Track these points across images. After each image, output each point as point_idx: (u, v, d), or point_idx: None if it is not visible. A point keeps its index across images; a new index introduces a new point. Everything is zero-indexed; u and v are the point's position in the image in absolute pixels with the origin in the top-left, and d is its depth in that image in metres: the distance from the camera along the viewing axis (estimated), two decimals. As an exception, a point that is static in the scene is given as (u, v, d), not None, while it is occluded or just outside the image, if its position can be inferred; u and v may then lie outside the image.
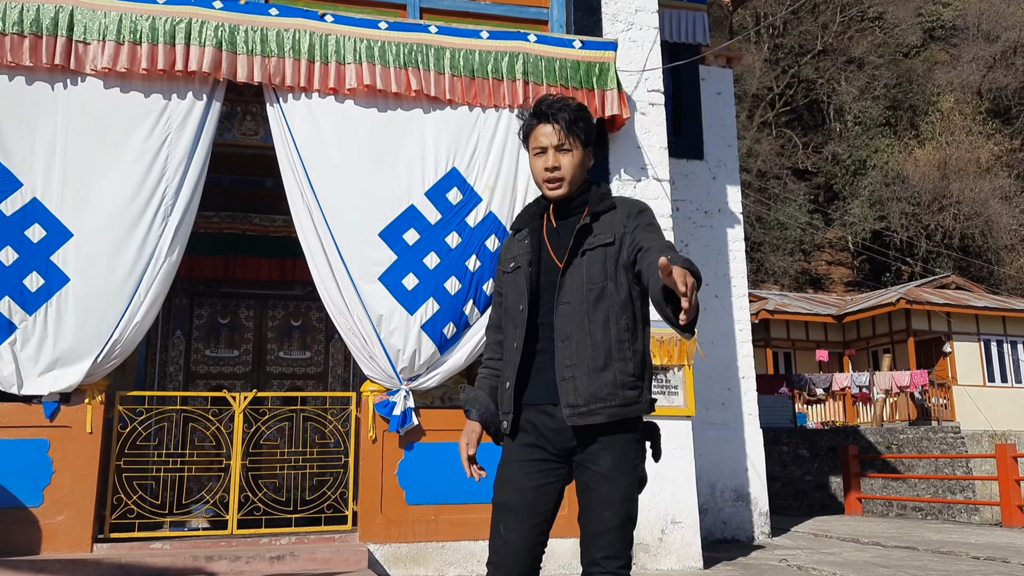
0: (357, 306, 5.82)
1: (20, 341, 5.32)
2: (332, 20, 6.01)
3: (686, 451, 6.46)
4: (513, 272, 2.61)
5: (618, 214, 2.53)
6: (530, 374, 2.51)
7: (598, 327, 2.44)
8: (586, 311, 2.45)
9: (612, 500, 2.37)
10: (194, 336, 8.68)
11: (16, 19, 5.49)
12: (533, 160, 2.58)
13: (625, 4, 7.06)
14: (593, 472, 2.40)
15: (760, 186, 32.48)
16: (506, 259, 2.67)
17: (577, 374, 2.41)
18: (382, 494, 5.81)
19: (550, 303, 2.51)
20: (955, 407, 20.84)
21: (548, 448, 2.47)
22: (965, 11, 37.61)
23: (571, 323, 2.45)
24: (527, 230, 2.64)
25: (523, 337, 2.51)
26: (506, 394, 2.52)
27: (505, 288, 2.64)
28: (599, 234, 2.50)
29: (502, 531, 2.44)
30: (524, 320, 2.51)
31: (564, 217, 2.58)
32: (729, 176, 9.76)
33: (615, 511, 2.37)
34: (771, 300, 23.63)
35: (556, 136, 2.52)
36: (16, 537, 5.22)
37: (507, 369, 2.55)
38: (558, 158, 2.52)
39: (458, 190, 6.08)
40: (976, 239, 32.29)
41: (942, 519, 13.91)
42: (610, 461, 2.39)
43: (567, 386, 2.42)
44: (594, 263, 2.48)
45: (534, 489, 2.44)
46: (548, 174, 2.53)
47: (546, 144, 2.53)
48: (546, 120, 2.54)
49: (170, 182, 5.63)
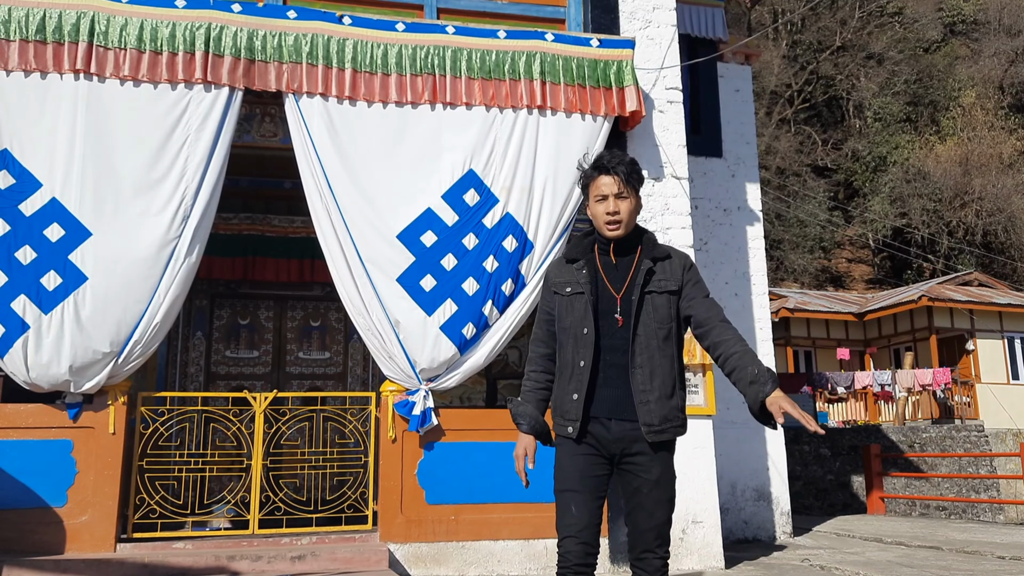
0: (376, 307, 5.83)
1: (34, 339, 5.35)
2: (350, 22, 6.03)
3: (707, 450, 6.43)
4: (571, 297, 3.02)
5: (675, 264, 3.04)
6: (595, 390, 2.96)
7: (667, 361, 2.96)
8: (658, 346, 2.95)
9: (662, 501, 2.93)
10: (214, 337, 8.73)
11: (39, 25, 5.56)
12: (594, 205, 3.04)
13: (643, 2, 7.03)
14: (645, 479, 2.92)
15: (779, 183, 32.28)
16: (559, 283, 3.08)
17: (652, 399, 2.91)
18: (402, 494, 5.82)
19: (608, 327, 2.96)
20: (978, 405, 20.60)
21: (602, 452, 2.96)
22: (986, 5, 37.18)
23: (644, 353, 2.94)
24: (583, 261, 3.05)
25: (592, 357, 2.94)
26: (574, 404, 2.95)
27: (561, 310, 3.05)
28: (662, 279, 3.00)
29: (573, 510, 2.90)
30: (592, 342, 2.94)
31: (620, 255, 3.05)
32: (748, 173, 9.70)
33: (665, 509, 2.93)
34: (791, 298, 23.47)
35: (616, 186, 2.98)
36: (41, 537, 5.28)
37: (572, 383, 2.97)
38: (618, 204, 2.98)
39: (475, 192, 6.08)
40: (999, 235, 31.91)
41: (966, 518, 13.76)
42: (660, 471, 2.93)
43: (645, 408, 2.91)
44: (662, 305, 2.98)
45: (595, 477, 2.94)
46: (610, 217, 2.98)
47: (607, 192, 2.99)
48: (607, 172, 3.00)
49: (189, 183, 5.66)
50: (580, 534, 2.88)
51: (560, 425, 3.00)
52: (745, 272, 9.38)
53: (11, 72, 5.54)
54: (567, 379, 3.00)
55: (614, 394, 2.95)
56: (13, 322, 5.33)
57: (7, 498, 5.31)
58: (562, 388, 3.02)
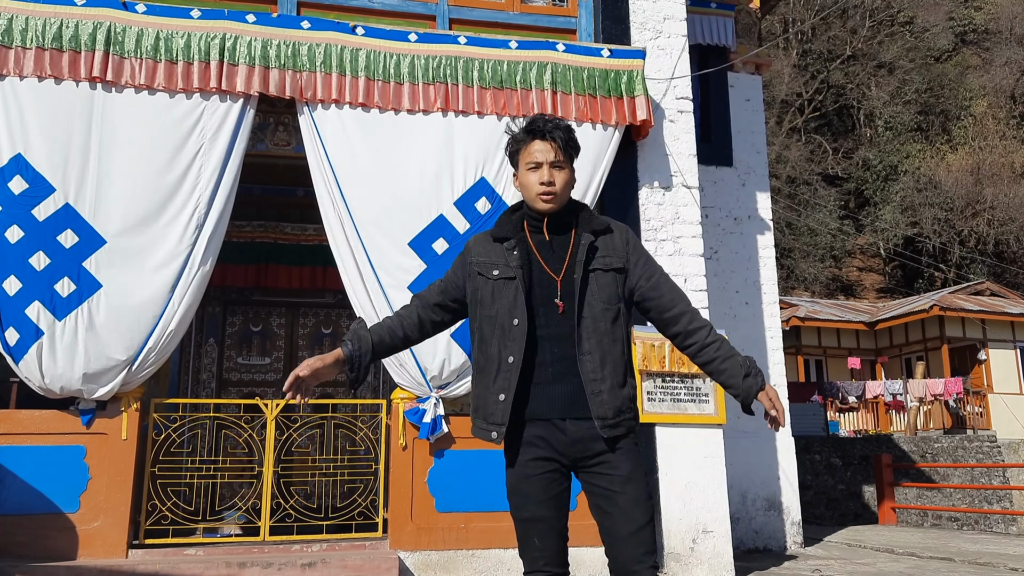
0: (387, 314, 5.84)
1: (48, 345, 5.38)
2: (363, 32, 6.08)
3: (717, 459, 6.42)
4: (499, 281, 2.65)
5: (617, 239, 2.71)
6: (529, 388, 2.59)
7: (616, 346, 2.62)
8: (606, 329, 2.61)
9: (639, 499, 2.55)
10: (227, 344, 8.78)
11: (55, 34, 5.62)
12: (525, 174, 2.68)
13: (653, 12, 7.06)
14: (615, 476, 2.55)
15: (790, 192, 32.22)
16: (483, 263, 2.69)
17: (604, 388, 2.57)
18: (412, 501, 5.83)
19: (548, 316, 2.61)
20: (991, 415, 20.47)
21: (560, 460, 2.60)
22: (997, 15, 37.10)
23: (592, 338, 2.59)
24: (514, 240, 2.69)
25: (522, 351, 2.57)
26: (500, 406, 2.57)
27: (485, 296, 2.66)
28: (606, 256, 2.67)
29: (536, 542, 2.57)
30: (523, 334, 2.58)
31: (555, 232, 2.69)
32: (758, 182, 9.70)
33: (643, 508, 2.55)
34: (802, 307, 23.40)
35: (553, 153, 2.65)
36: (54, 543, 5.31)
37: (497, 382, 2.59)
38: (553, 174, 2.65)
39: (486, 199, 6.11)
40: (1011, 245, 31.76)
41: (978, 529, 13.66)
42: (630, 464, 2.58)
43: (597, 399, 2.56)
44: (607, 284, 2.65)
45: (556, 497, 2.59)
46: (544, 187, 2.63)
47: (541, 160, 2.65)
48: (543, 137, 2.66)
49: (203, 191, 5.71)
50: (547, 567, 2.57)
51: (482, 429, 2.62)
52: (756, 281, 9.38)
53: (26, 78, 5.60)
54: (491, 377, 2.60)
55: (566, 390, 2.58)
56: (28, 328, 5.37)
57: (21, 503, 5.35)
58: (484, 387, 2.62)
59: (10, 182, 5.47)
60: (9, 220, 5.43)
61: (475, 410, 2.67)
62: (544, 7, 6.97)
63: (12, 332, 5.36)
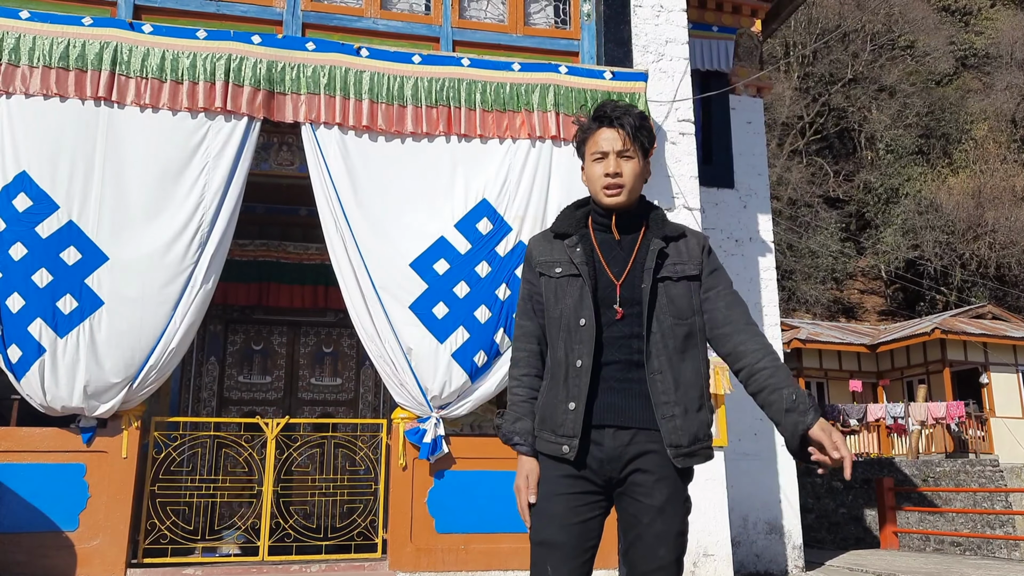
0: (388, 334, 5.86)
1: (50, 363, 5.38)
2: (367, 54, 6.12)
3: (719, 482, 6.40)
4: (562, 279, 2.39)
5: (691, 245, 2.44)
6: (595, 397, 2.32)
7: (689, 365, 2.34)
8: (677, 347, 2.33)
9: (667, 535, 2.24)
10: (228, 362, 8.78)
11: (62, 53, 5.66)
12: (591, 166, 2.45)
13: (656, 35, 7.12)
14: (646, 505, 2.25)
15: (791, 214, 32.28)
16: (545, 262, 2.45)
17: (677, 412, 2.28)
18: (412, 522, 5.80)
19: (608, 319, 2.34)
20: (993, 439, 20.40)
21: (593, 479, 2.30)
22: (998, 39, 37.33)
23: (661, 355, 2.31)
24: (576, 237, 2.43)
25: (591, 354, 2.30)
26: (571, 416, 2.29)
27: (549, 295, 2.41)
28: (678, 263, 2.40)
29: (549, 571, 2.26)
30: (592, 335, 2.31)
31: (623, 231, 2.42)
32: (760, 204, 9.72)
33: (669, 547, 2.24)
34: (803, 329, 23.38)
35: (620, 141, 2.41)
36: (52, 561, 5.28)
37: (564, 389, 2.32)
38: (620, 164, 2.40)
39: (488, 220, 6.13)
40: (1012, 268, 31.77)
41: (981, 554, 13.57)
42: (666, 494, 2.26)
43: (669, 424, 2.28)
44: (679, 296, 2.37)
45: (581, 524, 2.28)
46: (609, 179, 2.39)
47: (607, 149, 2.41)
48: (610, 124, 2.43)
49: (207, 210, 5.73)
50: None
51: (550, 443, 2.33)
52: (757, 302, 9.38)
53: (31, 96, 5.63)
54: (560, 383, 2.34)
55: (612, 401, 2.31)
56: (30, 345, 5.38)
57: (20, 521, 5.33)
58: (553, 395, 2.36)
59: (14, 199, 5.49)
60: (13, 238, 5.45)
61: (541, 421, 2.37)
62: (547, 29, 7.03)
63: (15, 349, 5.36)
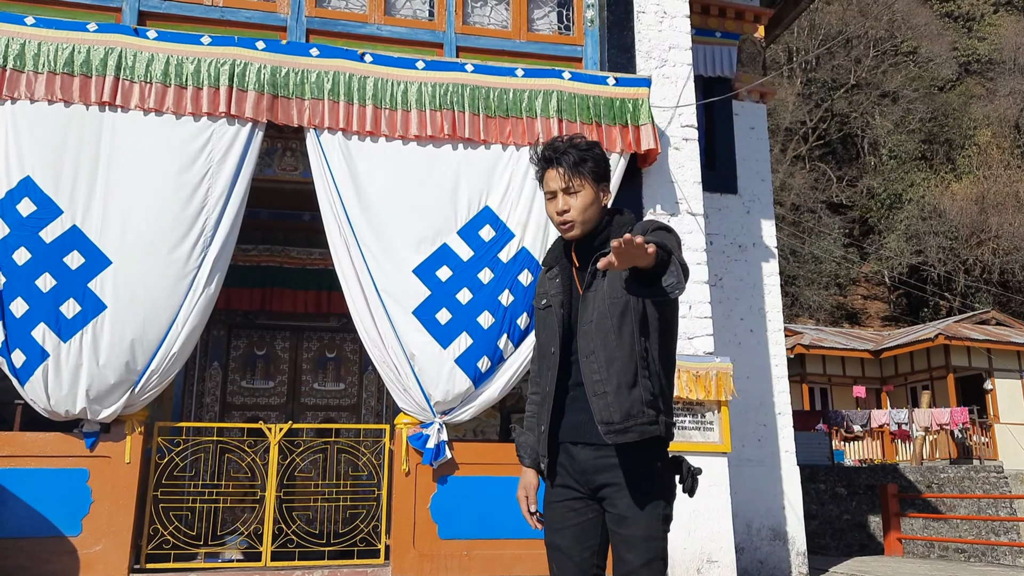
0: (392, 339, 5.86)
1: (53, 367, 5.38)
2: (371, 60, 6.13)
3: (722, 488, 6.38)
4: (545, 311, 2.61)
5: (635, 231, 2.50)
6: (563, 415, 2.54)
7: (625, 342, 2.41)
8: (611, 326, 2.42)
9: (632, 540, 2.38)
10: (231, 367, 8.78)
11: (67, 59, 5.68)
12: (547, 204, 2.61)
13: (659, 41, 7.12)
14: (612, 515, 2.43)
15: (794, 219, 32.27)
16: (540, 295, 2.66)
17: (609, 389, 2.39)
18: (415, 528, 5.79)
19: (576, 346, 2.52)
20: (997, 446, 20.35)
21: (577, 488, 2.51)
22: (1001, 45, 37.35)
23: (595, 339, 2.43)
24: (557, 268, 2.63)
25: (555, 380, 2.52)
26: (543, 437, 2.54)
27: (538, 327, 2.66)
28: None
29: (555, 570, 2.51)
30: (556, 363, 2.52)
31: (589, 254, 2.55)
32: (763, 210, 9.71)
33: (636, 551, 2.37)
34: (807, 335, 23.35)
35: (562, 180, 2.53)
36: (55, 566, 5.28)
37: (541, 412, 2.57)
38: (567, 201, 2.53)
39: (491, 227, 6.13)
40: (1016, 274, 31.73)
41: (985, 561, 13.53)
42: (625, 503, 2.40)
43: (600, 402, 2.39)
44: (615, 279, 2.43)
45: (575, 526, 2.48)
46: (559, 218, 2.54)
47: (555, 188, 2.55)
48: (551, 164, 2.57)
49: (210, 214, 5.73)
50: None
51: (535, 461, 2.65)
52: (760, 308, 9.36)
53: (36, 102, 5.65)
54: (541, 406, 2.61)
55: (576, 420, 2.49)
56: (33, 350, 5.38)
57: (23, 526, 5.32)
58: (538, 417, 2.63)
59: (19, 204, 5.50)
60: (17, 242, 5.46)
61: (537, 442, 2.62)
62: (550, 35, 7.04)
63: (19, 354, 5.37)
